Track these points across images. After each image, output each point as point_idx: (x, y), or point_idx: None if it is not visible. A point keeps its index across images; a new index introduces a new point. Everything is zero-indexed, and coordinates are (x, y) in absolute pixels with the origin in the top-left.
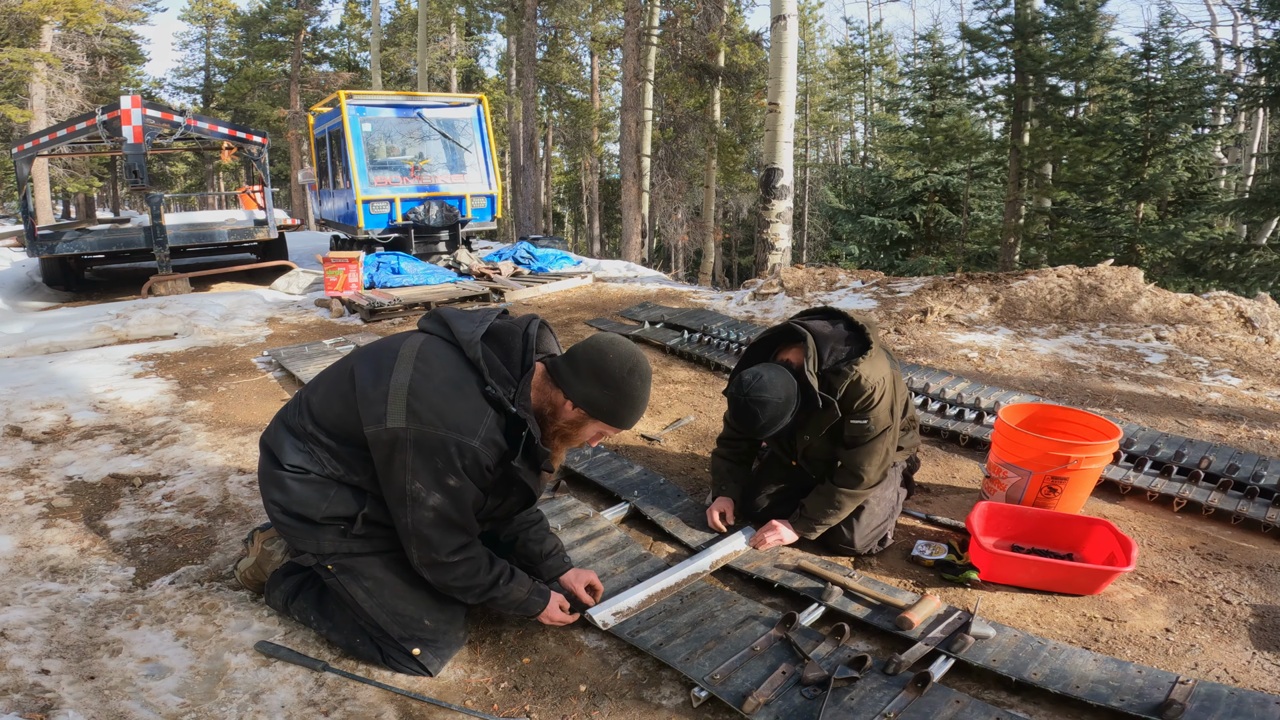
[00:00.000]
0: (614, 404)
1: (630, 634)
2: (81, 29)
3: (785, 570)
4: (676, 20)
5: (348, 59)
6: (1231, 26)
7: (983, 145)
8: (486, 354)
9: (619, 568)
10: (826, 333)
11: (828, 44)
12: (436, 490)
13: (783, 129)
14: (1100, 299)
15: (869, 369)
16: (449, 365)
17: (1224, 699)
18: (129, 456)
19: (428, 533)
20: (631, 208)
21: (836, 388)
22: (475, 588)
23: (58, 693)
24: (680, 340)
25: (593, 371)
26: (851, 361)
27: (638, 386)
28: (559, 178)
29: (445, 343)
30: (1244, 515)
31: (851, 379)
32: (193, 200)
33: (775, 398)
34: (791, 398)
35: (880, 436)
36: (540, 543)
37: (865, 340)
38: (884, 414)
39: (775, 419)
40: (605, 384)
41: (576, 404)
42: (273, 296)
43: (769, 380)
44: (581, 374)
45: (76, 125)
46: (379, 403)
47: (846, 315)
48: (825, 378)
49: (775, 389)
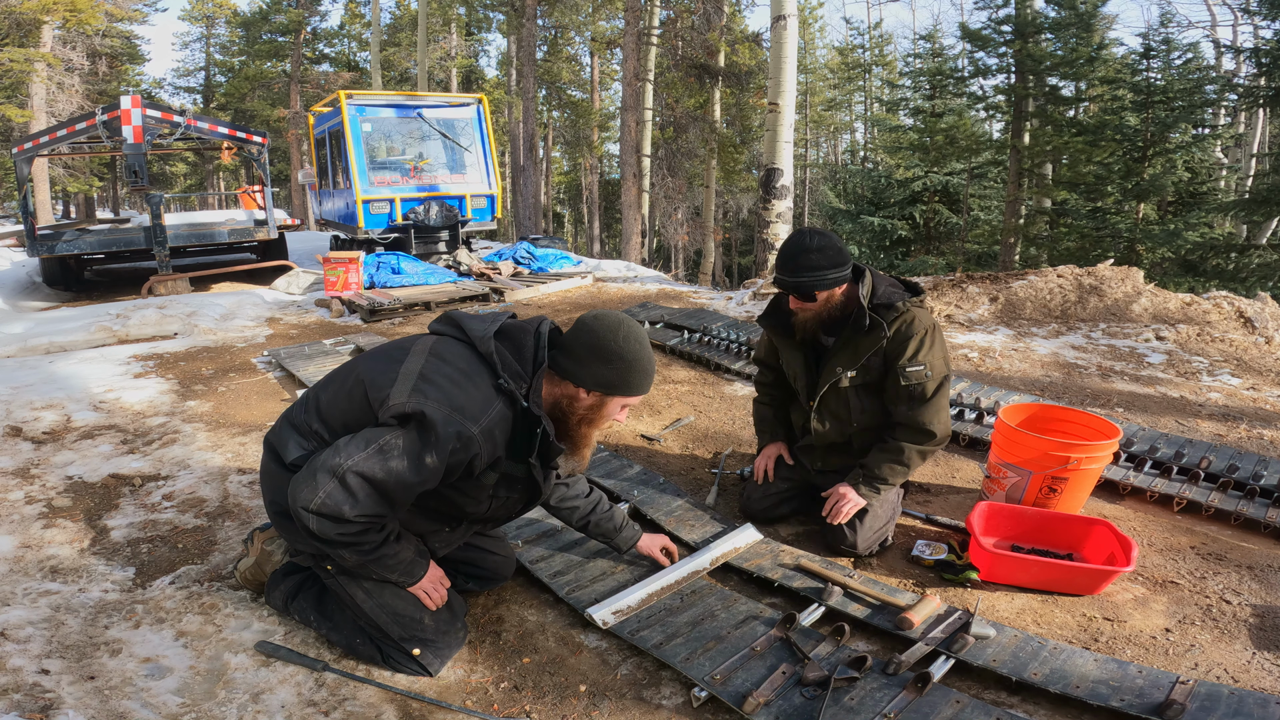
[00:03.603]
0: (624, 375)
1: (630, 633)
2: (81, 29)
3: (786, 569)
4: (676, 20)
5: (348, 59)
6: (1231, 26)
7: (983, 145)
8: (499, 350)
9: (619, 566)
10: (881, 275)
11: (828, 44)
12: (406, 458)
13: (783, 129)
14: (1100, 299)
15: (922, 312)
16: (462, 358)
17: (1224, 699)
18: (129, 456)
19: (356, 484)
20: (631, 208)
21: (886, 320)
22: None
23: (58, 693)
24: (680, 340)
25: (591, 352)
26: (906, 299)
27: (637, 350)
28: (559, 178)
29: (458, 340)
30: (1244, 515)
31: (905, 316)
32: (193, 200)
33: (833, 245)
34: (845, 263)
35: (941, 387)
36: (611, 519)
37: (917, 288)
38: (939, 360)
39: (820, 263)
40: (608, 359)
41: (590, 389)
42: (273, 296)
43: (835, 236)
44: (582, 358)
45: (76, 125)
46: (387, 385)
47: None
48: (876, 310)
49: (836, 241)
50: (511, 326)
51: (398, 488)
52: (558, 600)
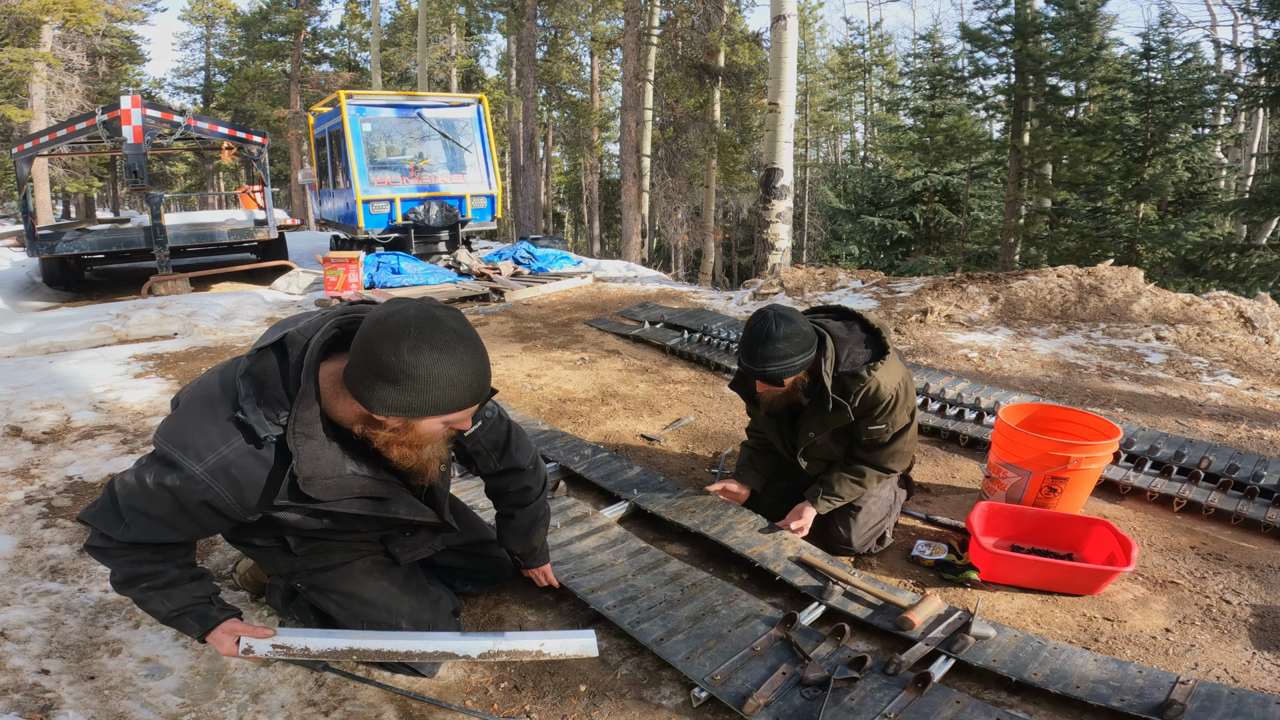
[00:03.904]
0: (415, 398)
1: (631, 624)
2: (81, 29)
3: (788, 561)
4: (676, 20)
5: (348, 59)
6: (1231, 26)
7: (983, 145)
8: (261, 372)
9: (618, 559)
10: (843, 335)
11: (828, 44)
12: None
13: (783, 129)
14: (1100, 299)
15: (886, 375)
16: (218, 385)
17: (1224, 699)
18: (129, 456)
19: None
20: (631, 208)
21: (852, 391)
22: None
23: (58, 693)
24: (680, 340)
25: (371, 371)
26: (869, 367)
27: (432, 361)
28: (559, 178)
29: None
30: (1244, 515)
31: (869, 386)
32: (193, 200)
33: (799, 331)
34: (810, 347)
35: (899, 436)
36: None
37: (882, 345)
38: (901, 417)
39: (788, 352)
40: (392, 379)
41: (381, 414)
42: (273, 296)
43: (800, 316)
44: (362, 378)
45: (76, 125)
46: None
47: (861, 317)
48: (841, 380)
49: (803, 324)
50: (291, 338)
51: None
52: (559, 600)
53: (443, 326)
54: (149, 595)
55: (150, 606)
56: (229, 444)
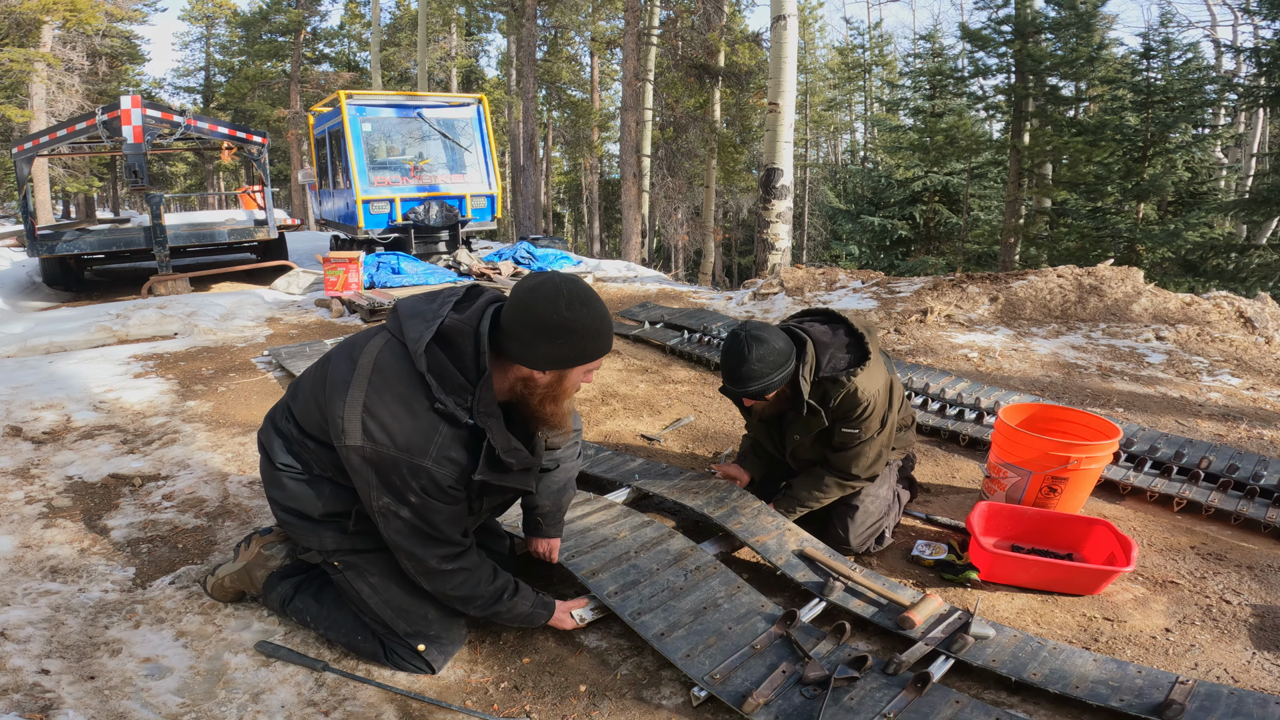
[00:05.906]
0: (578, 347)
1: (632, 615)
2: (81, 29)
3: (789, 554)
4: (676, 20)
5: (348, 59)
6: (1231, 26)
7: (983, 145)
8: (437, 363)
9: (621, 531)
10: (826, 340)
11: (828, 44)
12: (403, 505)
13: (783, 129)
14: (1100, 299)
15: (866, 381)
16: (399, 380)
17: (1224, 699)
18: (129, 456)
19: (405, 545)
20: (631, 208)
21: (831, 395)
22: (476, 599)
23: (58, 693)
24: (680, 340)
25: (534, 332)
26: (849, 372)
27: (585, 315)
28: (559, 178)
29: (401, 348)
30: (1244, 515)
31: (848, 390)
32: (193, 200)
33: (772, 349)
34: (787, 362)
35: (867, 442)
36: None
37: (864, 350)
38: (875, 424)
39: (763, 371)
40: (554, 336)
41: (544, 369)
42: (273, 296)
43: (773, 333)
44: (526, 340)
45: (76, 125)
46: (339, 419)
47: (847, 320)
48: (821, 385)
49: (776, 340)
50: (450, 329)
51: (425, 527)
52: (562, 585)
53: (583, 286)
54: (513, 603)
55: (515, 612)
56: (437, 431)
